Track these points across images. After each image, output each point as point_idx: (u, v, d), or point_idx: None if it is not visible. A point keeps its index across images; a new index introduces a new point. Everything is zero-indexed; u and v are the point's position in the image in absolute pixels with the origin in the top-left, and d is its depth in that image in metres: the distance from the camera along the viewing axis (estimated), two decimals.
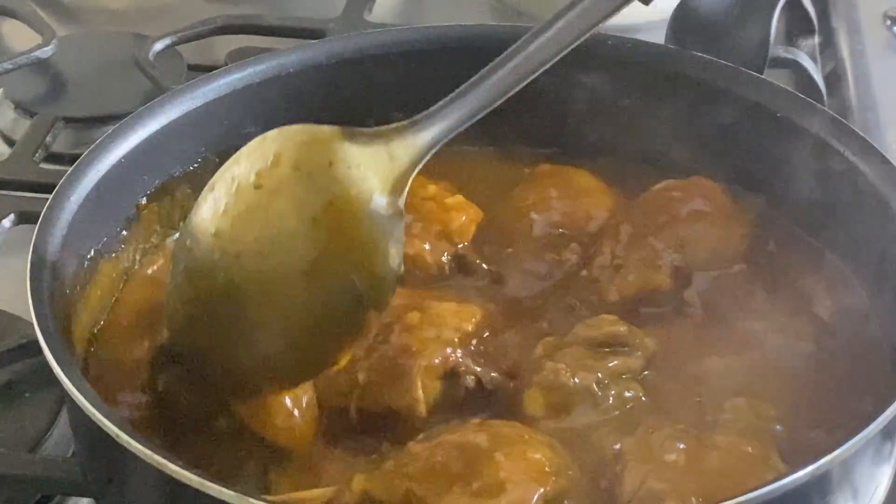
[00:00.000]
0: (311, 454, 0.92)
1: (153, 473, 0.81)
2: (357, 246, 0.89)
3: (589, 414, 0.92)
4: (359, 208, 0.90)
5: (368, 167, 0.90)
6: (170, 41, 1.39)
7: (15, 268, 0.96)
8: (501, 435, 0.87)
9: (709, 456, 0.86)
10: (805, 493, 0.81)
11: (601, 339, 0.95)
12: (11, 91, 1.42)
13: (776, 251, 1.06)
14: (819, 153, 1.04)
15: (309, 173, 0.90)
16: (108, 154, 1.03)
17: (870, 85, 1.39)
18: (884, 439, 0.86)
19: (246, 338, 0.90)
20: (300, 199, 0.90)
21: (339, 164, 0.90)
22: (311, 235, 0.89)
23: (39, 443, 1.03)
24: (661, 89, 1.11)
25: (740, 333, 0.99)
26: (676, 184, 1.07)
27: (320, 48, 1.16)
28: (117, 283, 1.05)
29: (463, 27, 1.18)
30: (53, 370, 0.86)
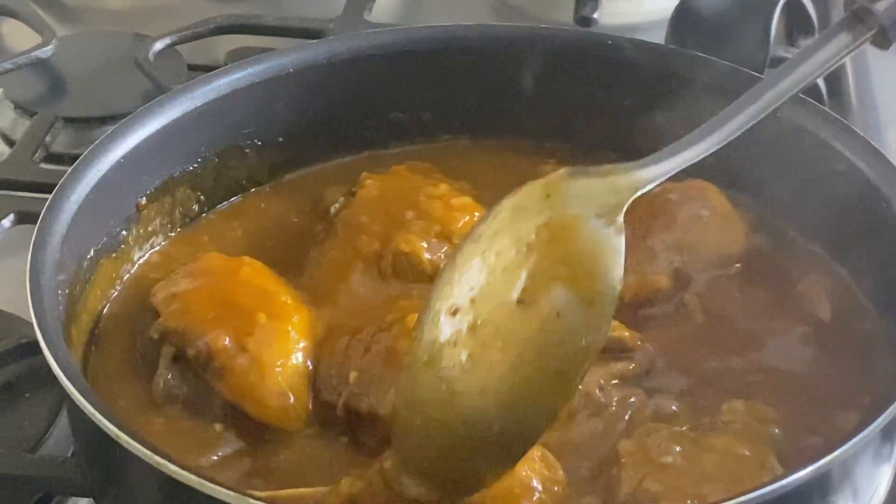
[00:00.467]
0: (302, 445, 0.93)
1: (153, 473, 0.81)
2: (573, 259, 0.83)
3: (591, 420, 0.92)
4: (574, 224, 0.84)
5: (588, 195, 0.85)
6: (170, 41, 1.38)
7: (15, 268, 0.96)
8: None
9: (706, 458, 0.86)
10: (805, 493, 0.81)
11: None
12: (11, 91, 1.42)
13: (775, 253, 1.06)
14: (819, 153, 1.04)
15: (524, 208, 0.85)
16: (108, 154, 1.03)
17: (870, 85, 1.39)
18: (884, 439, 0.87)
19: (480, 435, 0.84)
20: (516, 232, 0.84)
21: (556, 195, 0.85)
22: (524, 262, 0.84)
23: (39, 443, 1.03)
24: (661, 89, 1.11)
25: (739, 336, 0.99)
26: (674, 186, 1.07)
27: (320, 48, 1.16)
28: (117, 283, 1.05)
29: (463, 27, 1.18)
30: (53, 370, 0.86)
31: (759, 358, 0.97)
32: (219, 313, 0.96)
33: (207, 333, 0.95)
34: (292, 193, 1.14)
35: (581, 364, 0.82)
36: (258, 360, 0.94)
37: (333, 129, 1.17)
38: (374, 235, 1.03)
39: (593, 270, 0.83)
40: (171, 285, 0.99)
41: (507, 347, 0.82)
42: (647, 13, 1.49)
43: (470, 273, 0.83)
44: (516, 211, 0.85)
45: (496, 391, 0.82)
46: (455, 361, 0.83)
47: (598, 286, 0.82)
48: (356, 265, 1.03)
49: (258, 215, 1.13)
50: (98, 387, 0.94)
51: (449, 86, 1.17)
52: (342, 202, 1.07)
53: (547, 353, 0.82)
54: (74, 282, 0.98)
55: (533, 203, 0.85)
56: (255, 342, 0.95)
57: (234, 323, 0.96)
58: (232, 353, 0.94)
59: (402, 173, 1.09)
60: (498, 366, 0.82)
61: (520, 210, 0.85)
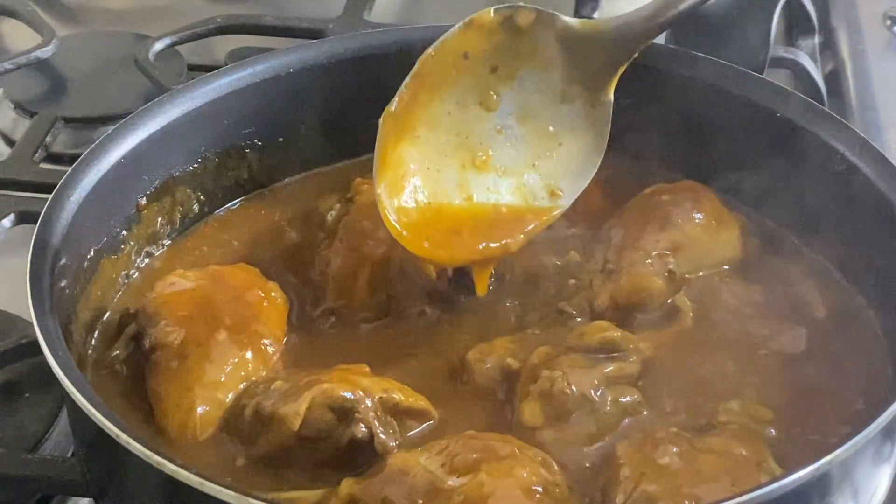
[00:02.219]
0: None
1: (153, 473, 0.81)
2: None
3: (587, 421, 0.92)
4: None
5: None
6: (170, 41, 1.39)
7: (15, 268, 0.96)
8: (491, 449, 0.87)
9: (703, 459, 0.86)
10: (805, 493, 0.81)
11: (596, 345, 0.95)
12: (11, 91, 1.42)
13: (769, 253, 1.06)
14: (819, 153, 1.04)
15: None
16: (108, 154, 1.03)
17: (870, 85, 1.39)
18: (884, 439, 0.86)
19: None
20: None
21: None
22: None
23: (39, 443, 1.03)
24: (661, 89, 1.11)
25: (734, 336, 0.99)
26: (668, 187, 1.07)
27: (320, 48, 1.16)
28: (117, 283, 1.05)
29: None
30: (53, 370, 0.86)
31: (754, 359, 0.97)
32: (191, 313, 0.97)
33: (166, 326, 0.96)
34: (292, 198, 1.14)
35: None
36: (189, 370, 0.94)
37: (333, 130, 1.17)
38: (379, 240, 1.03)
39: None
40: (169, 281, 1.00)
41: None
42: None
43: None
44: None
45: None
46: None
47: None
48: (363, 271, 1.03)
49: (257, 222, 1.12)
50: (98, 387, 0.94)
51: None
52: (339, 209, 1.07)
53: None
54: (75, 282, 0.98)
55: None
56: (200, 353, 0.95)
57: (196, 327, 0.96)
58: (173, 352, 0.95)
59: None
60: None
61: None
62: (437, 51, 1.02)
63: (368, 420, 0.90)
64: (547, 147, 1.04)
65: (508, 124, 1.04)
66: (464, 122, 1.04)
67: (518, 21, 1.03)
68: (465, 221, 1.02)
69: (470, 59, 1.03)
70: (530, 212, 1.03)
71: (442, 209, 1.02)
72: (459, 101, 1.04)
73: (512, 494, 0.83)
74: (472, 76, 1.04)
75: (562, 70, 1.04)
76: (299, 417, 0.90)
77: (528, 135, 1.04)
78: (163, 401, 0.94)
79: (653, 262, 1.02)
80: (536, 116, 1.04)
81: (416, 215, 1.01)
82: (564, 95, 1.04)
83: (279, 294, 1.02)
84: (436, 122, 1.03)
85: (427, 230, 1.01)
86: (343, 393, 0.91)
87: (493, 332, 1.00)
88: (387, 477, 0.86)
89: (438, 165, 1.03)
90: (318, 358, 0.99)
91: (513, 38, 1.03)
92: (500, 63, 1.04)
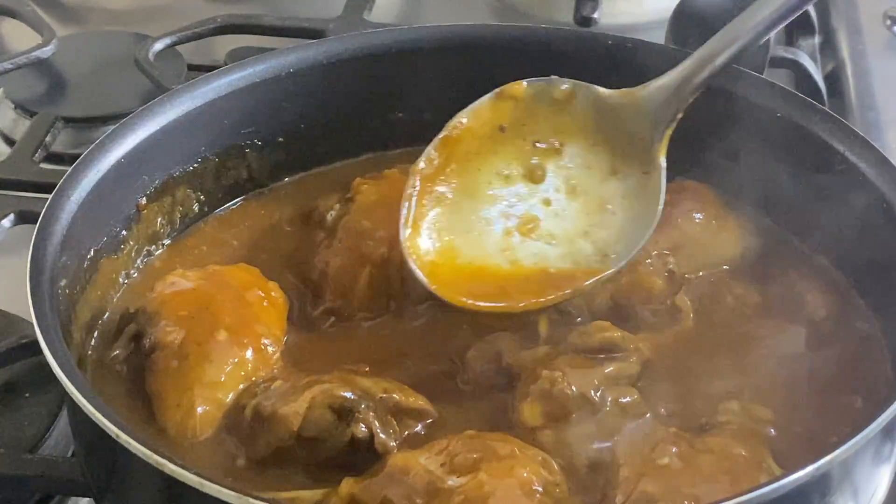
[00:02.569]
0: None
1: (153, 473, 0.81)
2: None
3: (587, 421, 0.92)
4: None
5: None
6: (170, 41, 1.38)
7: (15, 268, 0.96)
8: (491, 449, 0.87)
9: (702, 459, 0.86)
10: (805, 493, 0.81)
11: (595, 345, 0.95)
12: (11, 91, 1.42)
13: (769, 253, 1.06)
14: (819, 153, 1.04)
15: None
16: (108, 154, 1.03)
17: (870, 85, 1.39)
18: (884, 439, 0.87)
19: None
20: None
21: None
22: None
23: (39, 443, 1.03)
24: None
25: (733, 336, 0.99)
26: (668, 187, 1.07)
27: (320, 48, 1.16)
28: (117, 282, 1.05)
29: (463, 27, 1.18)
30: (53, 370, 0.86)
31: (754, 358, 0.97)
32: (191, 313, 0.97)
33: (166, 326, 0.96)
34: (292, 198, 1.14)
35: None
36: (189, 370, 0.94)
37: (333, 130, 1.17)
38: (379, 240, 1.03)
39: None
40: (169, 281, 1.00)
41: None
42: (647, 13, 1.49)
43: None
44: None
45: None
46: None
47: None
48: (363, 271, 1.03)
49: (257, 222, 1.13)
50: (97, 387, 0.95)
51: (449, 86, 1.17)
52: (339, 209, 1.07)
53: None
54: (75, 282, 0.98)
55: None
56: (199, 353, 0.95)
57: (196, 327, 0.96)
58: (173, 352, 0.95)
59: (396, 176, 1.09)
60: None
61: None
62: (469, 120, 1.01)
63: (368, 420, 0.90)
64: (599, 218, 1.01)
65: (557, 197, 1.02)
66: (507, 193, 1.02)
67: (553, 94, 1.02)
68: (511, 280, 1.00)
69: (507, 133, 1.02)
70: (581, 272, 1.00)
71: (484, 269, 1.00)
72: (500, 172, 1.02)
73: (512, 494, 0.83)
74: (512, 148, 1.03)
75: (608, 144, 1.02)
76: (299, 417, 0.90)
77: (578, 207, 1.02)
78: (163, 401, 0.94)
79: (653, 261, 1.02)
80: (587, 191, 1.02)
81: (453, 273, 1.00)
82: (614, 169, 1.02)
83: (279, 294, 1.02)
84: (474, 191, 1.02)
85: (467, 285, 0.99)
86: (343, 393, 0.91)
87: (492, 331, 1.00)
88: (387, 477, 0.86)
89: (479, 231, 1.01)
90: (318, 358, 0.99)
91: (551, 111, 1.02)
92: (541, 137, 1.02)
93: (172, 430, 0.93)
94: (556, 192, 1.02)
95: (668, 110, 1.00)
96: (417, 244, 1.00)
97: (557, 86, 1.02)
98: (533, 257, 1.01)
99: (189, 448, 0.92)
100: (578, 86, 1.02)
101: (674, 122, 1.00)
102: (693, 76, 1.00)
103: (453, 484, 0.84)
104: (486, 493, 0.83)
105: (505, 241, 1.01)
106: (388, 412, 0.92)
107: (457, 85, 1.17)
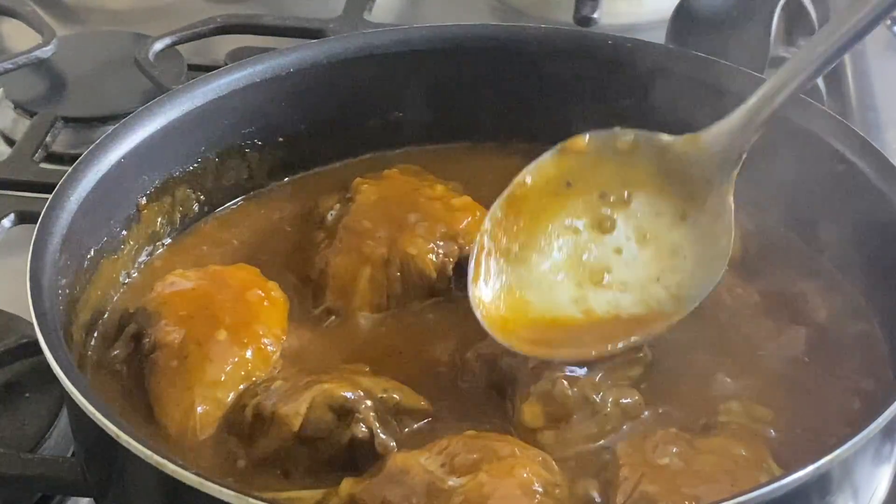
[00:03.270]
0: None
1: (153, 473, 0.81)
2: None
3: (588, 422, 0.92)
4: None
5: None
6: (170, 41, 1.38)
7: (15, 268, 0.96)
8: (491, 450, 0.87)
9: (703, 459, 0.86)
10: (805, 493, 0.81)
11: None
12: (11, 91, 1.42)
13: (770, 253, 1.06)
14: (819, 153, 1.04)
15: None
16: (108, 154, 1.03)
17: (870, 85, 1.39)
18: (884, 439, 0.87)
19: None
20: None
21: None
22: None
23: (39, 443, 1.03)
24: (661, 89, 1.11)
25: (734, 336, 0.99)
26: None
27: (320, 48, 1.16)
28: (117, 282, 1.05)
29: (463, 27, 1.18)
30: (53, 370, 0.86)
31: (754, 359, 0.97)
32: (190, 313, 0.97)
33: (166, 326, 0.96)
34: (292, 198, 1.14)
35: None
36: (189, 370, 0.94)
37: (333, 130, 1.17)
38: (379, 240, 1.03)
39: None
40: (169, 281, 1.00)
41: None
42: (647, 13, 1.49)
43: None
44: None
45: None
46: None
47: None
48: (363, 271, 1.03)
49: (257, 221, 1.13)
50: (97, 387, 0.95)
51: (448, 86, 1.17)
52: (339, 209, 1.07)
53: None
54: (75, 282, 0.98)
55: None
56: (199, 353, 0.95)
57: (196, 327, 0.96)
58: (173, 352, 0.95)
59: (396, 176, 1.10)
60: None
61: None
62: (534, 177, 1.01)
63: (369, 420, 0.90)
64: (671, 262, 1.00)
65: (627, 245, 1.01)
66: (576, 245, 1.01)
67: (616, 146, 1.01)
68: (585, 329, 0.99)
69: (573, 188, 1.01)
70: (654, 316, 0.99)
71: (557, 321, 0.99)
72: (568, 225, 1.01)
73: (512, 494, 0.83)
74: (579, 202, 1.02)
75: (675, 189, 1.01)
76: (300, 417, 0.90)
77: (649, 254, 1.01)
78: (162, 400, 0.94)
79: None
80: (657, 237, 1.01)
81: (526, 326, 0.99)
82: (684, 214, 1.01)
83: (279, 293, 1.02)
84: (543, 245, 1.01)
85: (540, 336, 0.98)
86: (343, 393, 0.91)
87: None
88: (387, 477, 0.86)
89: (549, 284, 1.00)
90: (319, 357, 0.99)
91: (615, 163, 1.01)
92: (608, 189, 1.01)
93: (172, 430, 0.93)
94: (626, 240, 1.01)
95: (733, 152, 0.99)
96: (487, 301, 0.99)
97: (620, 137, 1.01)
98: (606, 305, 1.00)
99: (189, 448, 0.92)
100: (641, 135, 1.01)
101: (739, 161, 0.99)
102: (756, 116, 0.98)
103: (453, 484, 0.84)
104: (485, 493, 0.83)
105: (577, 292, 1.00)
106: (388, 412, 0.92)
107: (457, 85, 1.17)
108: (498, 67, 1.16)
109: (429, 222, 1.04)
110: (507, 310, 0.98)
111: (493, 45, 1.17)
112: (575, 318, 0.99)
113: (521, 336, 0.97)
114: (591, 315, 0.99)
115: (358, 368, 0.96)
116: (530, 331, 0.97)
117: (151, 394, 0.95)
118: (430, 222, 1.04)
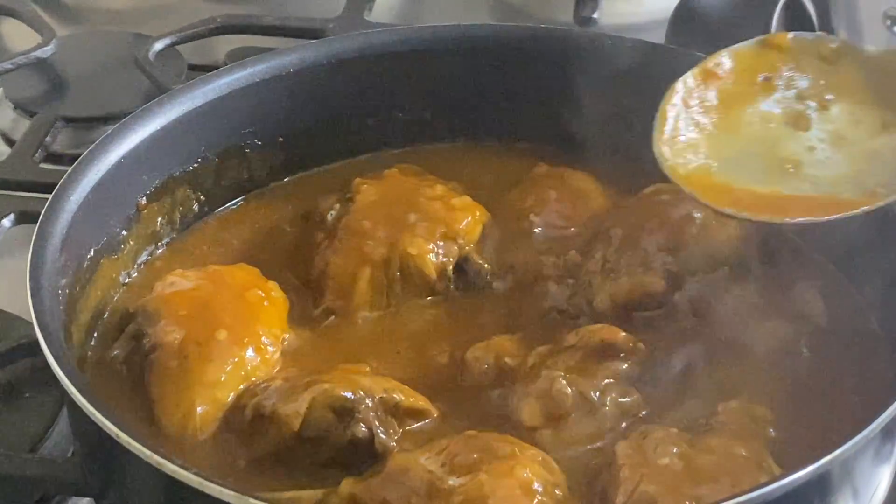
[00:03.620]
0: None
1: (153, 473, 0.81)
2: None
3: (586, 421, 0.92)
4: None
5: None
6: (170, 41, 1.38)
7: (15, 268, 0.96)
8: (491, 449, 0.87)
9: (702, 459, 0.86)
10: (805, 493, 0.81)
11: (595, 345, 0.95)
12: (11, 91, 1.42)
13: (770, 253, 1.06)
14: None
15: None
16: (108, 154, 1.03)
17: None
18: (884, 439, 0.87)
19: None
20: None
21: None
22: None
23: (39, 443, 1.03)
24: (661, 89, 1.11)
25: (733, 336, 0.99)
26: (668, 187, 1.07)
27: (320, 48, 1.16)
28: (117, 282, 1.05)
29: (463, 27, 1.18)
30: (53, 370, 0.86)
31: (754, 358, 0.97)
32: (191, 313, 0.97)
33: (166, 325, 0.96)
34: (292, 198, 1.15)
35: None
36: (189, 370, 0.94)
37: (333, 130, 1.17)
38: (379, 240, 1.03)
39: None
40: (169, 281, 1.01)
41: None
42: (647, 13, 1.49)
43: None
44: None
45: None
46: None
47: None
48: (363, 271, 1.03)
49: (257, 221, 1.13)
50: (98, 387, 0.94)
51: (449, 86, 1.17)
52: (339, 209, 1.07)
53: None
54: (75, 282, 0.98)
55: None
56: (200, 353, 0.95)
57: (196, 327, 0.96)
58: (173, 351, 0.95)
59: (396, 176, 1.10)
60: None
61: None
62: (732, 61, 1.01)
63: (369, 420, 0.90)
64: (866, 164, 0.99)
65: (821, 147, 1.01)
66: (768, 136, 1.01)
67: (820, 51, 1.01)
68: (773, 198, 0.98)
69: (770, 83, 1.01)
70: (847, 201, 0.97)
71: (740, 189, 0.99)
72: (762, 116, 1.02)
73: (512, 494, 0.83)
74: (775, 96, 1.02)
75: (878, 99, 1.01)
76: (300, 417, 0.90)
77: (843, 158, 1.00)
78: (162, 400, 0.94)
79: (652, 261, 1.02)
80: (854, 143, 1.00)
81: (709, 187, 0.99)
82: (885, 124, 1.00)
83: (279, 293, 1.02)
84: (733, 125, 1.01)
85: (725, 198, 0.98)
86: (343, 393, 0.91)
87: (492, 331, 1.00)
88: (387, 477, 0.86)
89: (736, 161, 1.00)
90: (318, 357, 0.99)
91: (818, 67, 1.02)
92: (807, 91, 1.02)
93: (172, 430, 0.93)
94: (819, 142, 1.01)
95: None
96: (669, 157, 0.99)
97: (825, 42, 1.01)
98: (793, 190, 0.99)
99: (189, 448, 0.92)
100: (846, 45, 1.01)
101: None
102: None
103: (453, 484, 0.84)
104: (485, 493, 0.83)
105: (764, 176, 0.99)
106: (388, 412, 0.92)
107: (457, 85, 1.17)
108: (498, 67, 1.16)
109: (429, 222, 1.04)
110: (690, 172, 0.99)
111: (493, 44, 1.17)
112: (758, 190, 0.98)
113: (706, 192, 0.97)
114: (776, 193, 0.98)
115: (358, 368, 0.96)
116: (715, 191, 0.98)
117: (151, 394, 0.95)
118: (430, 222, 1.04)
